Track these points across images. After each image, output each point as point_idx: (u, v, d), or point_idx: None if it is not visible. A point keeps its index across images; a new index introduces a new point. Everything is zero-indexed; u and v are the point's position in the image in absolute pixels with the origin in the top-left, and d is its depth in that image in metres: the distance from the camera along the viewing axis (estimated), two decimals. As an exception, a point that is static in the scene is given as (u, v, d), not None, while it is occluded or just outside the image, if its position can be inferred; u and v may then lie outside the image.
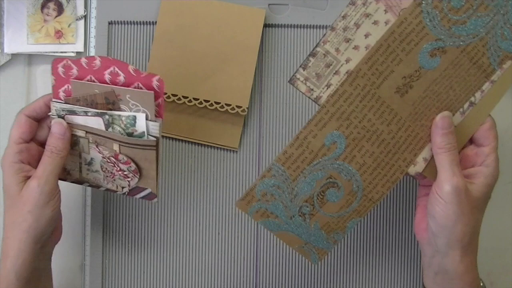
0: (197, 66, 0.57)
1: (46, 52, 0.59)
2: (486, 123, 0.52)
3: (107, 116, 0.49)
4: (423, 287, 0.51)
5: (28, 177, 0.48)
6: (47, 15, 0.59)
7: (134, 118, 0.50)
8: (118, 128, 0.50)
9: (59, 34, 0.59)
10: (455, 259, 0.47)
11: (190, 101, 0.57)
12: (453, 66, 0.52)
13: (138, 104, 0.49)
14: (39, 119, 0.51)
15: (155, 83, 0.49)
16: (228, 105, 0.57)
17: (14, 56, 0.59)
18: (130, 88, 0.49)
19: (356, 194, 0.52)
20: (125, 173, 0.51)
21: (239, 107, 0.57)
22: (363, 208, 0.52)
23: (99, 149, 0.51)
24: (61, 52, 0.59)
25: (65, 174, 0.53)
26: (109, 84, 0.49)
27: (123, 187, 0.53)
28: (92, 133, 0.50)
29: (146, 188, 0.52)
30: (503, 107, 0.62)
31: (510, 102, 0.62)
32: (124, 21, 0.59)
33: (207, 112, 0.58)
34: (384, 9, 0.51)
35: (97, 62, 0.49)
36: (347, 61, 0.51)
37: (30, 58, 0.60)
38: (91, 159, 0.51)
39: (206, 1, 0.58)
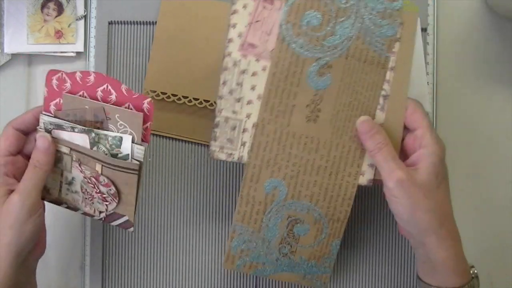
0: (197, 66, 0.57)
1: (46, 52, 0.59)
2: (409, 107, 0.51)
3: (93, 134, 0.49)
4: (418, 278, 0.51)
5: (12, 191, 0.47)
6: (47, 15, 0.59)
7: (120, 139, 0.49)
8: (103, 148, 0.49)
9: (59, 34, 0.59)
10: (432, 245, 0.47)
11: (190, 101, 0.57)
12: (347, 74, 0.53)
13: (126, 125, 0.49)
14: (27, 132, 0.50)
15: (145, 105, 0.48)
16: None
17: (14, 56, 0.59)
18: (120, 107, 0.49)
19: (321, 221, 0.53)
20: (104, 196, 0.50)
21: None
22: (336, 230, 0.54)
23: (81, 168, 0.50)
24: (61, 52, 0.59)
25: (44, 193, 0.51)
26: (100, 101, 0.49)
27: (100, 212, 0.51)
28: (76, 151, 0.49)
29: (123, 216, 0.51)
30: (503, 107, 0.62)
31: (510, 102, 0.62)
32: (124, 21, 0.59)
33: (207, 112, 0.58)
34: (255, 59, 0.53)
35: (91, 78, 0.49)
36: (248, 116, 0.53)
37: (30, 58, 0.60)
38: (72, 178, 0.50)
39: (206, 1, 0.58)
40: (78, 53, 0.60)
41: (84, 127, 0.49)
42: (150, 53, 0.58)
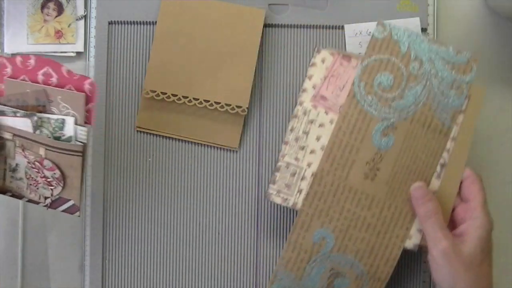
0: (197, 66, 0.57)
1: (46, 52, 0.59)
2: (468, 178, 0.53)
3: (35, 118, 0.48)
4: None
5: None
6: (47, 15, 0.59)
7: (63, 121, 0.49)
8: (46, 132, 0.49)
9: (59, 34, 0.59)
10: None
11: (190, 101, 0.57)
12: (409, 138, 0.55)
13: (68, 107, 0.49)
14: None
15: (87, 86, 0.48)
16: (228, 105, 0.57)
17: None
18: (61, 89, 0.48)
19: (362, 278, 0.54)
20: (49, 180, 0.50)
21: (239, 107, 0.57)
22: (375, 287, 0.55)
23: (25, 153, 0.49)
24: (61, 52, 0.59)
25: None
26: (41, 84, 0.49)
27: (45, 198, 0.51)
28: (19, 136, 0.49)
29: (68, 200, 0.51)
30: (503, 107, 0.62)
31: (510, 102, 0.62)
32: (124, 21, 0.59)
33: (207, 112, 0.58)
34: (324, 111, 0.55)
35: (32, 61, 0.49)
36: (309, 165, 0.55)
37: (30, 58, 0.60)
38: (16, 165, 0.50)
39: (206, 1, 0.58)
40: (78, 53, 0.60)
41: (26, 112, 0.48)
42: (150, 53, 0.58)
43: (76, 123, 0.49)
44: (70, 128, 0.49)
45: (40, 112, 0.49)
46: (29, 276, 0.59)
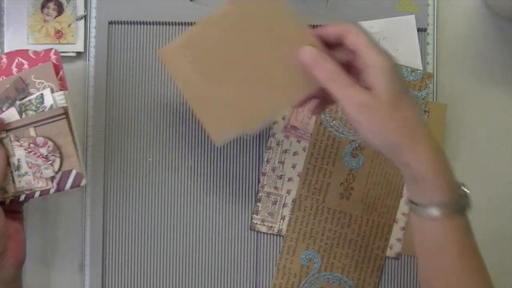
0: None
1: (46, 52, 0.59)
2: (348, 33, 0.45)
3: (17, 103, 0.50)
4: (407, 200, 0.47)
5: None
6: (47, 15, 0.59)
7: (41, 96, 0.51)
8: (31, 112, 0.51)
9: (59, 34, 0.59)
10: (410, 161, 0.44)
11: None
12: (377, 155, 0.59)
13: (43, 81, 0.51)
14: None
15: (52, 56, 0.52)
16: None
17: None
18: (31, 68, 0.51)
19: None
20: (46, 155, 0.51)
21: None
22: None
23: (20, 143, 0.51)
24: (61, 52, 0.59)
25: (2, 193, 0.51)
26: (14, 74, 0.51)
27: (52, 178, 0.51)
28: (11, 129, 0.50)
29: (71, 170, 0.51)
30: (503, 107, 0.62)
31: (510, 102, 0.62)
32: (124, 21, 0.59)
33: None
34: (296, 140, 0.59)
35: (4, 60, 0.52)
36: (288, 192, 0.58)
37: (30, 58, 0.60)
38: (18, 160, 0.51)
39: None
40: (78, 53, 0.60)
41: (9, 102, 0.50)
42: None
43: (52, 92, 0.51)
44: (49, 99, 0.51)
45: (22, 99, 0.51)
46: (29, 276, 0.59)
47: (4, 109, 0.50)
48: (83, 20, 0.59)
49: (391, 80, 0.43)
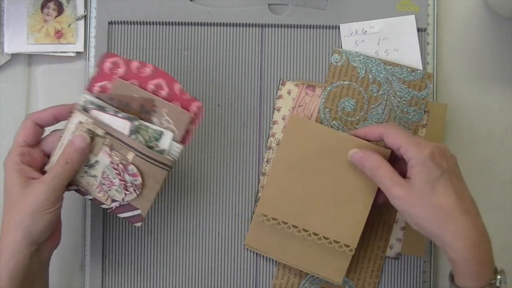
0: (312, 196, 0.55)
1: (46, 52, 0.59)
2: (384, 134, 0.52)
3: (136, 123, 0.49)
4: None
5: (31, 179, 0.48)
6: (47, 15, 0.59)
7: (161, 133, 0.50)
8: (141, 139, 0.50)
9: (59, 34, 0.59)
10: (444, 247, 0.47)
11: (299, 231, 0.55)
12: None
13: (170, 122, 0.50)
14: (44, 127, 0.51)
15: (193, 109, 0.50)
16: (337, 242, 0.55)
17: (14, 56, 0.59)
18: (171, 103, 0.50)
19: None
20: (127, 185, 0.50)
21: (347, 246, 0.55)
22: None
23: (111, 153, 0.50)
24: (61, 52, 0.59)
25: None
26: (151, 93, 0.50)
27: (113, 200, 0.51)
28: (112, 135, 0.49)
29: (136, 209, 0.51)
30: (503, 107, 0.62)
31: (510, 101, 0.62)
32: (124, 21, 0.59)
33: (314, 244, 0.56)
34: None
35: (148, 70, 0.50)
36: None
37: (30, 58, 0.60)
38: (96, 161, 0.50)
39: (333, 131, 0.56)
40: (78, 53, 0.60)
41: (129, 114, 0.49)
42: (268, 174, 0.56)
43: (173, 139, 0.50)
44: (166, 142, 0.50)
45: (140, 118, 0.50)
46: (29, 276, 0.59)
47: (119, 115, 0.49)
48: (83, 20, 0.60)
49: (424, 170, 0.48)
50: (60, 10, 0.59)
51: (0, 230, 0.48)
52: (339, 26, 0.60)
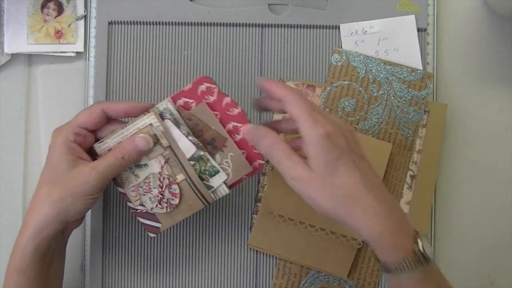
0: None
1: (46, 52, 0.59)
2: (285, 102, 0.46)
3: (201, 152, 0.50)
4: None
5: (80, 159, 0.48)
6: (47, 15, 0.59)
7: (217, 172, 0.50)
8: (197, 167, 0.50)
9: (59, 34, 0.59)
10: (352, 227, 0.45)
11: (306, 227, 0.56)
12: None
13: (230, 165, 0.50)
14: (111, 118, 0.51)
15: (256, 163, 0.51)
16: (344, 236, 0.56)
17: (14, 56, 0.59)
18: (239, 150, 0.50)
19: None
20: (162, 199, 0.50)
21: (354, 239, 0.56)
22: None
23: (164, 165, 0.50)
24: (61, 52, 0.59)
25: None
26: (225, 130, 0.51)
27: (141, 204, 0.51)
28: (173, 152, 0.50)
29: (158, 222, 0.52)
30: (503, 107, 0.62)
31: (510, 101, 0.62)
32: (124, 21, 0.59)
33: (320, 239, 0.56)
34: None
35: (235, 111, 0.51)
36: None
37: (30, 58, 0.60)
38: (145, 164, 0.50)
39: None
40: (78, 53, 0.60)
41: (198, 142, 0.50)
42: (270, 173, 0.54)
43: (224, 182, 0.50)
44: (217, 181, 0.50)
45: (207, 150, 0.50)
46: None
47: (190, 137, 0.50)
48: (83, 20, 0.60)
49: (321, 153, 0.44)
50: (60, 10, 0.59)
51: (33, 200, 0.48)
52: (339, 26, 0.60)
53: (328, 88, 0.59)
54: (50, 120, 0.59)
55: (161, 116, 0.50)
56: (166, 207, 0.51)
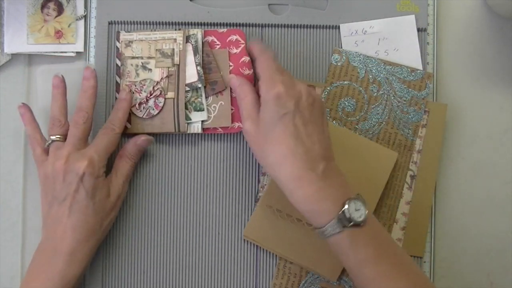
0: None
1: (46, 52, 0.59)
2: (257, 57, 0.54)
3: (200, 85, 0.54)
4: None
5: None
6: (47, 15, 0.59)
7: (202, 110, 0.55)
8: (189, 96, 0.55)
9: (59, 34, 0.59)
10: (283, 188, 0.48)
11: (303, 225, 0.56)
12: None
13: (215, 111, 0.55)
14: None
15: (235, 126, 0.56)
16: None
17: (14, 56, 0.59)
18: (230, 104, 0.55)
19: None
20: (145, 105, 0.55)
21: None
22: None
23: (164, 78, 0.55)
24: (61, 52, 0.59)
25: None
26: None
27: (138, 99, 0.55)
28: (178, 71, 0.54)
29: (129, 122, 0.55)
30: (503, 107, 0.62)
31: (510, 101, 0.62)
32: (124, 21, 0.59)
33: (315, 240, 0.56)
34: None
35: (247, 71, 0.56)
36: None
37: (30, 58, 0.60)
38: (150, 69, 0.55)
39: (334, 126, 0.58)
40: (78, 53, 0.60)
41: (202, 75, 0.55)
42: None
43: (202, 121, 0.56)
44: (196, 117, 0.55)
45: (205, 88, 0.55)
46: (29, 276, 0.59)
47: (198, 68, 0.54)
48: (83, 20, 0.60)
49: (267, 109, 0.48)
50: (60, 10, 0.59)
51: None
52: (339, 26, 0.60)
53: (328, 88, 0.59)
54: (50, 120, 0.59)
55: (187, 39, 0.55)
56: (144, 113, 0.54)
